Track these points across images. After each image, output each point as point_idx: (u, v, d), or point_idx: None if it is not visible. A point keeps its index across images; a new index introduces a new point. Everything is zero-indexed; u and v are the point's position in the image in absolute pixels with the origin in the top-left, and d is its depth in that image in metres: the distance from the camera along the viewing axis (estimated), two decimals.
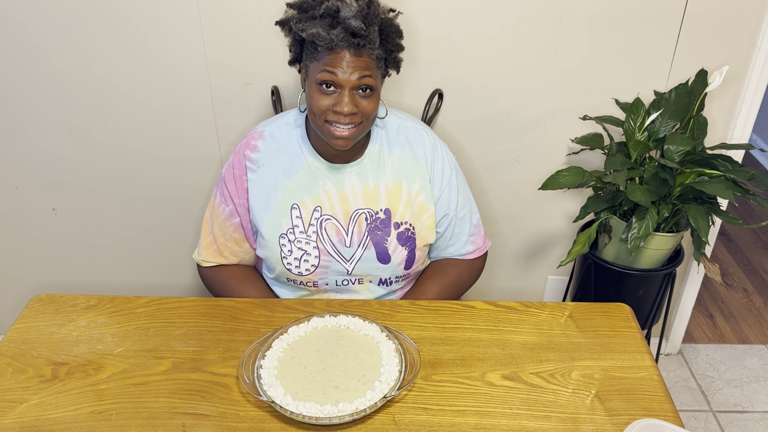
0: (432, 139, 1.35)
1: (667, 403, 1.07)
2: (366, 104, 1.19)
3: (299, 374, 1.08)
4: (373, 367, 1.09)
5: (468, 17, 1.60)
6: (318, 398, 1.03)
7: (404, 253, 1.34)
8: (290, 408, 1.01)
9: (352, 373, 1.08)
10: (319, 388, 1.05)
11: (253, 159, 1.31)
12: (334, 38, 1.12)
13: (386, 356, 1.11)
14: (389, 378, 1.06)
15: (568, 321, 1.24)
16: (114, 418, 1.04)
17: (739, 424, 1.93)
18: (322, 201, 1.31)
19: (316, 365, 1.10)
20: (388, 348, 1.13)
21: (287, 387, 1.05)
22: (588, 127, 1.74)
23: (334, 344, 1.14)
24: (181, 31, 1.61)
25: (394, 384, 1.06)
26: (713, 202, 1.59)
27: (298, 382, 1.06)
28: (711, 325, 2.34)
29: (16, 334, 1.20)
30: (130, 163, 1.81)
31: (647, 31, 1.62)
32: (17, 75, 1.67)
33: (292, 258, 1.32)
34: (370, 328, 1.17)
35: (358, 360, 1.11)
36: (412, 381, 1.07)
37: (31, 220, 1.91)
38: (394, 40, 1.23)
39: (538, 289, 2.06)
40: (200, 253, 1.41)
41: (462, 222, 1.40)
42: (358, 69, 1.15)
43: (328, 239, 1.32)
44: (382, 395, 1.03)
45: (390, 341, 1.14)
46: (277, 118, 1.35)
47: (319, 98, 1.18)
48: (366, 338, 1.16)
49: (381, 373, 1.07)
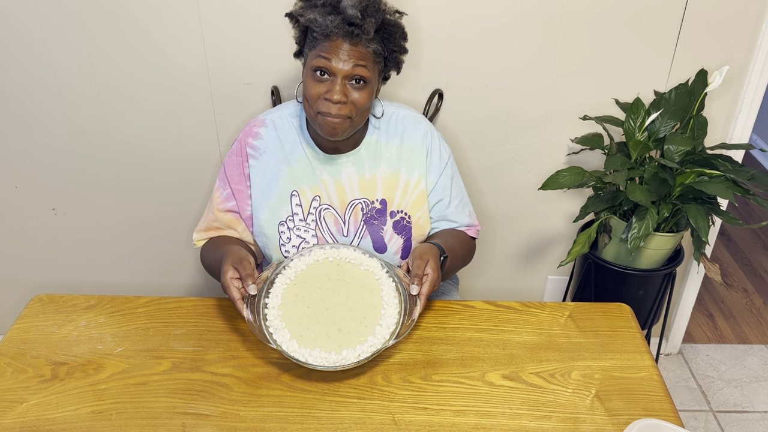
0: (429, 127, 1.37)
1: (667, 403, 1.07)
2: (357, 96, 1.20)
3: (303, 314, 1.12)
4: (374, 307, 1.13)
5: (468, 17, 1.60)
6: (322, 343, 1.08)
7: (400, 242, 1.34)
8: (296, 356, 1.06)
9: (354, 314, 1.13)
10: (323, 330, 1.10)
11: (255, 146, 1.32)
12: (329, 24, 1.15)
13: (386, 296, 1.15)
14: (389, 322, 1.11)
15: (568, 321, 1.24)
16: (114, 418, 1.04)
17: (739, 424, 1.93)
18: (320, 191, 1.32)
19: (319, 305, 1.14)
20: (389, 287, 1.16)
21: (292, 330, 1.10)
22: (588, 127, 1.74)
23: (335, 280, 1.18)
24: (181, 31, 1.61)
25: (393, 329, 1.11)
26: (713, 202, 1.59)
27: (303, 324, 1.11)
28: (711, 325, 2.34)
29: (16, 334, 1.20)
30: (130, 163, 1.81)
31: (647, 31, 1.62)
32: (17, 74, 1.67)
33: (290, 245, 1.32)
34: (371, 263, 1.20)
35: (360, 299, 1.15)
36: (410, 328, 1.11)
37: (31, 220, 1.91)
38: (398, 41, 1.24)
39: (538, 289, 2.06)
40: (194, 237, 1.41)
41: (455, 210, 1.40)
42: (351, 58, 1.17)
43: (327, 228, 1.33)
44: (383, 341, 1.09)
45: (390, 279, 1.17)
46: (278, 108, 1.37)
47: (313, 85, 1.20)
48: (367, 274, 1.19)
49: (381, 315, 1.12)
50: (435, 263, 1.17)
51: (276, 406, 1.06)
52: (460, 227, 1.41)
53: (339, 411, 1.05)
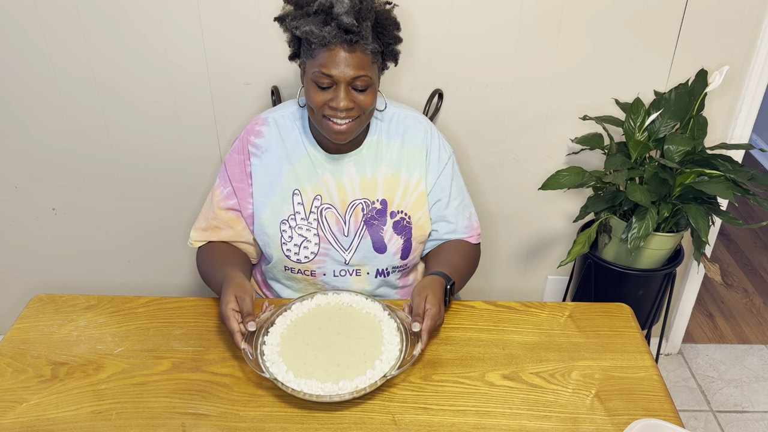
0: (430, 127, 1.37)
1: (667, 403, 1.07)
2: (363, 98, 1.20)
3: (301, 351, 1.10)
4: (375, 345, 1.11)
5: (468, 17, 1.60)
6: (319, 376, 1.05)
7: (400, 242, 1.34)
8: (291, 385, 1.03)
9: (353, 351, 1.10)
10: (321, 365, 1.07)
11: (257, 144, 1.32)
12: (327, 35, 1.14)
13: (388, 335, 1.13)
14: (390, 357, 1.08)
15: (568, 321, 1.24)
16: (114, 418, 1.04)
17: (739, 424, 1.93)
18: (321, 190, 1.32)
19: (318, 342, 1.12)
20: (390, 327, 1.14)
21: (289, 364, 1.07)
22: (588, 127, 1.74)
23: (336, 322, 1.16)
24: (181, 31, 1.61)
25: (394, 363, 1.07)
26: (713, 202, 1.59)
27: (300, 359, 1.08)
28: (711, 325, 2.34)
29: (16, 334, 1.20)
30: (130, 163, 1.81)
31: (647, 31, 1.62)
32: (17, 75, 1.67)
33: (291, 244, 1.32)
34: (373, 307, 1.19)
35: (360, 338, 1.13)
36: (412, 361, 1.08)
37: (31, 220, 1.91)
38: (392, 32, 1.23)
39: (538, 289, 2.06)
40: (191, 237, 1.39)
41: (455, 211, 1.40)
42: (352, 66, 1.16)
43: (328, 227, 1.33)
44: (382, 374, 1.05)
45: (392, 320, 1.16)
46: (280, 107, 1.37)
47: (316, 94, 1.20)
48: (368, 316, 1.17)
49: (382, 351, 1.09)
50: (434, 297, 1.16)
51: (276, 406, 1.06)
52: (459, 230, 1.41)
53: (339, 411, 1.05)
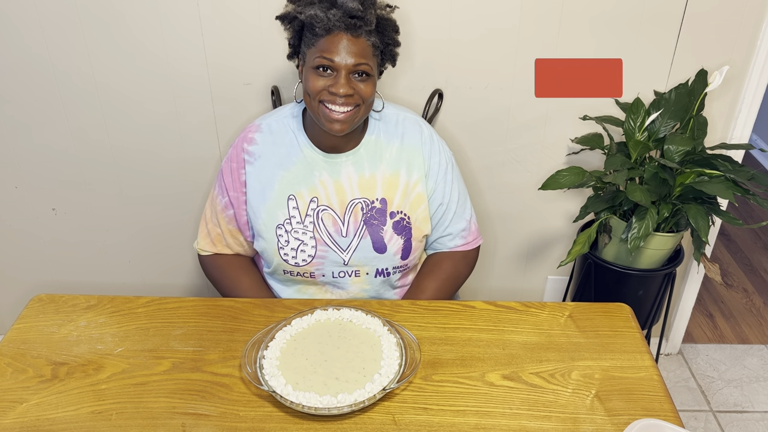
0: (429, 132, 1.37)
1: (667, 403, 1.07)
2: (363, 87, 1.21)
3: (301, 365, 1.10)
4: (374, 360, 1.11)
5: (468, 17, 1.60)
6: (318, 389, 1.05)
7: (400, 242, 1.34)
8: (290, 398, 1.03)
9: (353, 365, 1.10)
10: (320, 379, 1.07)
11: (250, 152, 1.33)
12: (332, 18, 1.15)
13: (387, 350, 1.12)
14: (389, 371, 1.08)
15: (568, 321, 1.24)
16: (114, 418, 1.04)
17: (739, 424, 1.93)
18: (318, 192, 1.32)
19: (318, 357, 1.11)
20: (389, 342, 1.14)
21: (288, 377, 1.07)
22: (588, 127, 1.74)
23: (336, 337, 1.16)
24: (181, 31, 1.61)
25: (393, 377, 1.07)
26: (713, 202, 1.59)
27: (300, 373, 1.08)
28: (711, 325, 2.34)
29: (16, 334, 1.20)
30: (130, 163, 1.81)
31: (647, 31, 1.62)
32: (17, 75, 1.67)
33: (288, 248, 1.33)
34: (373, 322, 1.19)
35: (360, 353, 1.12)
36: (411, 375, 1.08)
37: (31, 220, 1.91)
38: (390, 34, 1.26)
39: (538, 289, 2.06)
40: (198, 242, 1.44)
41: (455, 216, 1.40)
42: (354, 53, 1.17)
43: (325, 229, 1.33)
44: (381, 387, 1.05)
45: (391, 335, 1.16)
46: (275, 112, 1.37)
47: (316, 80, 1.20)
48: (368, 332, 1.17)
49: (381, 366, 1.09)
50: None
51: (276, 406, 1.05)
52: (457, 236, 1.41)
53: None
